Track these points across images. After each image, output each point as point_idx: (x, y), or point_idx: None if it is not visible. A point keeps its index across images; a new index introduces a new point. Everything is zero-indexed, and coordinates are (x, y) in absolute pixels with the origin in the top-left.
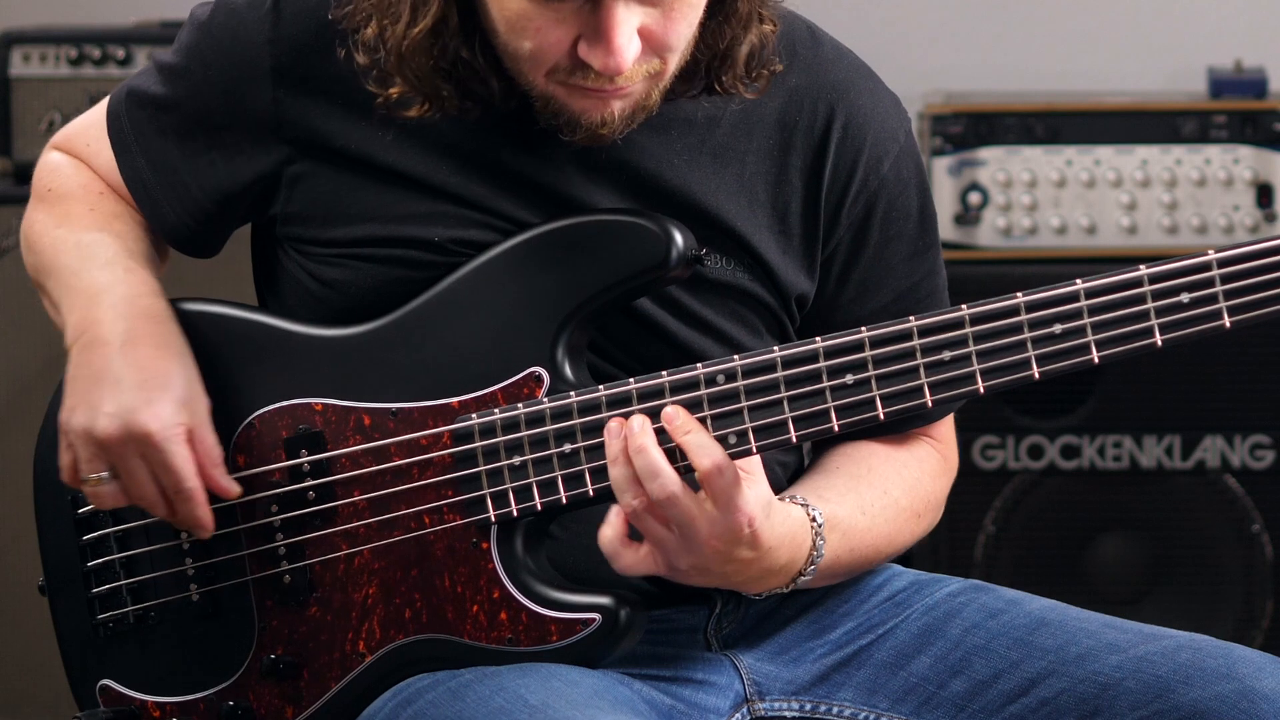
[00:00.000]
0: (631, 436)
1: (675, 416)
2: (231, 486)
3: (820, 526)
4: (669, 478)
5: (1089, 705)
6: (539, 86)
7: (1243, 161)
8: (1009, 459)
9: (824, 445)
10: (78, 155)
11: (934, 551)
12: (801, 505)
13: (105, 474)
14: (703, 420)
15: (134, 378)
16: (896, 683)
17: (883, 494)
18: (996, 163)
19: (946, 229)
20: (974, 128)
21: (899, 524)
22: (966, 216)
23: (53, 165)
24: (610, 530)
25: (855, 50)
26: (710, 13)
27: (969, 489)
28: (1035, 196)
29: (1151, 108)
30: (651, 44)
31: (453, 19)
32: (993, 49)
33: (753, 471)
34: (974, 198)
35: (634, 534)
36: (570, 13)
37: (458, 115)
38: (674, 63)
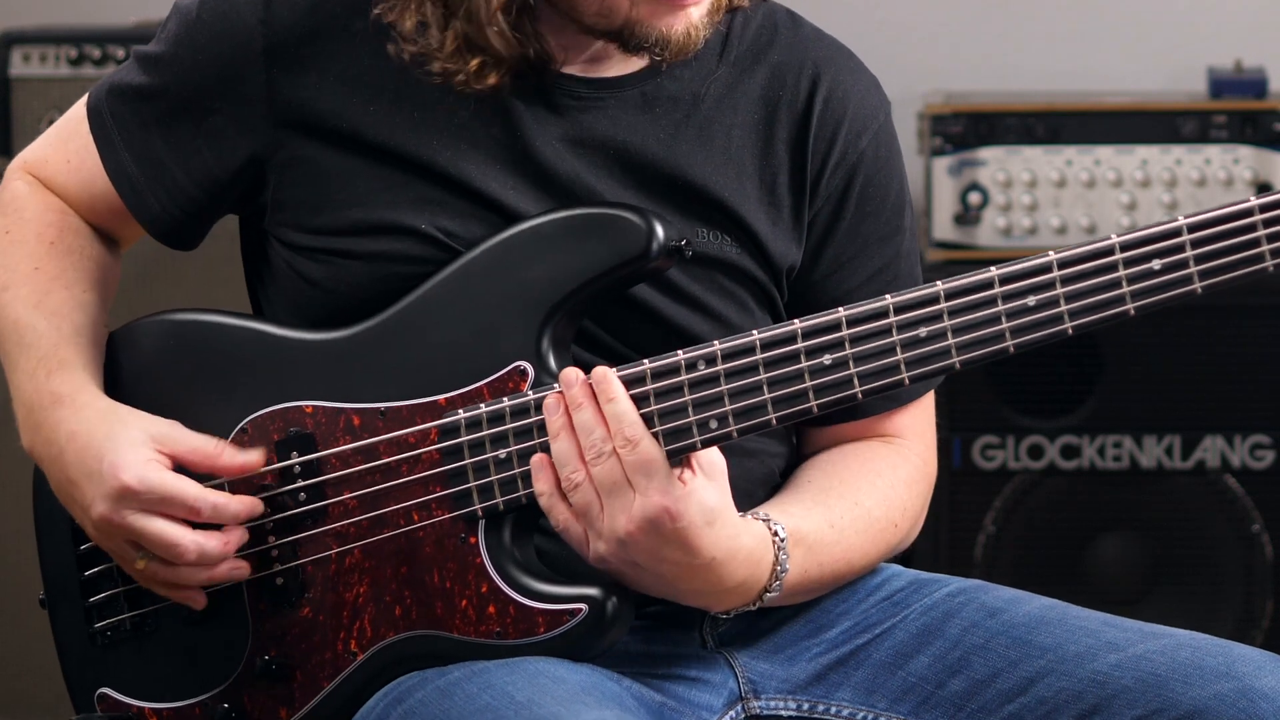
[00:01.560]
0: (570, 392)
1: (602, 380)
2: (249, 459)
3: (783, 542)
4: (602, 434)
5: (1087, 704)
6: (623, 12)
7: (1243, 161)
8: (1009, 459)
9: (800, 457)
10: (49, 180)
11: (934, 551)
12: (763, 520)
13: (139, 554)
14: (683, 406)
15: (88, 460)
16: (895, 682)
17: (854, 505)
18: (996, 163)
19: (946, 229)
20: (974, 128)
21: (872, 535)
22: (967, 216)
23: (16, 201)
24: (544, 484)
25: (855, 50)
26: None
27: (969, 489)
28: (1035, 196)
29: (1151, 108)
30: None
31: None
32: (993, 49)
33: (712, 476)
34: (974, 198)
35: None
36: None
37: (518, 78)
38: None
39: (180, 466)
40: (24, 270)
